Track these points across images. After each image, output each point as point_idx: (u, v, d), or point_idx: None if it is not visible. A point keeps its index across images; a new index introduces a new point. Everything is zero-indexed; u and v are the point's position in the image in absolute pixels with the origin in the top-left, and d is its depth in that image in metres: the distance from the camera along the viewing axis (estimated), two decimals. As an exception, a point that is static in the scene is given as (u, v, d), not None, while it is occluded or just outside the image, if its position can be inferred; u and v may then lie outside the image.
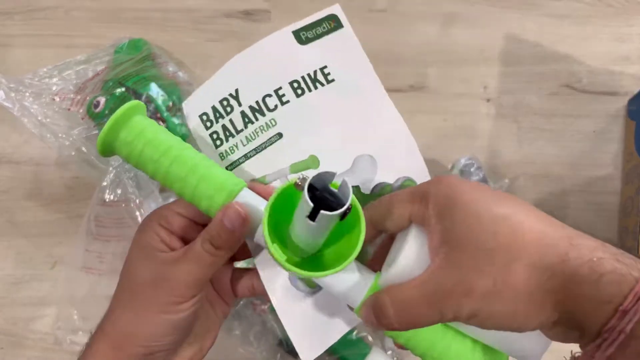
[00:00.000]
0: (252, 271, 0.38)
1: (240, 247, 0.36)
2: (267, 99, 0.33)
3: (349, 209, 0.26)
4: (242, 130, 0.34)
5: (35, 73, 0.60)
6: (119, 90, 0.57)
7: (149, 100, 0.58)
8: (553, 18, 0.70)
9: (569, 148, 0.66)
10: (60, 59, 0.62)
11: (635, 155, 0.62)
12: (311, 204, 0.25)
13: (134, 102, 0.32)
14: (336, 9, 0.35)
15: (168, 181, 0.32)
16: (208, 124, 0.34)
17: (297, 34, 0.35)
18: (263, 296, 0.37)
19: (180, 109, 0.59)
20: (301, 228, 0.28)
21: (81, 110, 0.58)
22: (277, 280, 0.34)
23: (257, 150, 0.34)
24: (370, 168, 0.34)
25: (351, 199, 0.25)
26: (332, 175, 0.26)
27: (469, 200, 0.28)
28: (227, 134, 0.34)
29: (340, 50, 0.35)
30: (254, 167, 0.34)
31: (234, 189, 0.32)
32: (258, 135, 0.33)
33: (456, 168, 0.59)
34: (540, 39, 0.69)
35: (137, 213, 0.56)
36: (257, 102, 0.33)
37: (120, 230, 0.58)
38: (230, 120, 0.34)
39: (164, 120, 0.58)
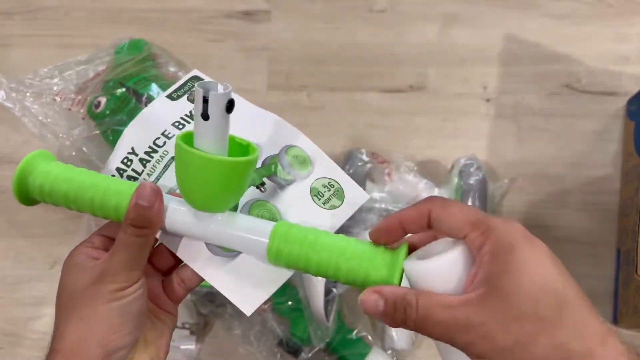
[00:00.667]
0: (176, 270, 0.40)
1: (164, 259, 0.39)
2: (157, 141, 0.42)
3: (231, 101, 0.32)
4: (142, 171, 0.41)
5: (36, 73, 0.60)
6: (119, 91, 0.57)
7: (150, 101, 0.58)
8: (553, 18, 0.70)
9: (569, 148, 0.66)
10: (61, 59, 0.62)
11: (634, 156, 0.62)
12: (201, 93, 0.31)
13: (34, 153, 0.39)
14: (196, 72, 0.45)
15: (80, 205, 0.37)
16: None
17: (170, 96, 0.44)
18: (195, 285, 0.40)
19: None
20: (200, 134, 0.34)
21: (82, 111, 0.58)
22: (199, 255, 0.39)
23: (158, 177, 0.41)
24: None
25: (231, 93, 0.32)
26: (214, 83, 0.32)
27: (529, 258, 0.29)
28: (132, 180, 0.41)
29: None
30: None
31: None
32: (155, 168, 0.41)
33: (456, 168, 0.59)
34: (540, 39, 0.69)
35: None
36: (149, 147, 0.42)
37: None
38: (133, 169, 0.41)
39: (164, 120, 0.58)
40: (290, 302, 0.58)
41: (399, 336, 0.59)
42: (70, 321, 0.35)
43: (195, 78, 0.45)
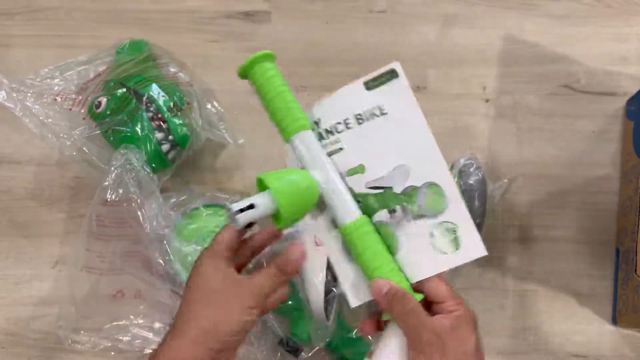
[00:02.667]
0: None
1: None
2: (337, 125, 0.47)
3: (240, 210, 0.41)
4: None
5: (37, 73, 0.60)
6: (120, 91, 0.57)
7: (150, 101, 0.58)
8: (552, 18, 0.70)
9: (568, 148, 0.66)
10: (61, 59, 0.62)
11: (633, 155, 0.62)
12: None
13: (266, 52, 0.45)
14: (396, 65, 0.47)
15: (269, 108, 0.46)
16: None
17: (366, 83, 0.48)
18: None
19: (181, 110, 0.59)
20: None
21: (82, 111, 0.58)
22: (334, 244, 0.47)
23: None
24: (403, 175, 0.46)
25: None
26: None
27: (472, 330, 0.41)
28: None
29: (395, 94, 0.47)
30: None
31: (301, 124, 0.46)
32: (326, 147, 0.47)
33: (456, 168, 0.59)
34: (540, 39, 0.69)
35: (139, 213, 0.57)
36: (330, 126, 0.47)
37: (121, 230, 0.59)
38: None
39: (164, 121, 0.58)
40: (290, 302, 0.58)
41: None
42: (203, 312, 0.42)
43: (393, 72, 0.47)
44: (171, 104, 0.59)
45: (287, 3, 0.71)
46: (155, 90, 0.58)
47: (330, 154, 0.47)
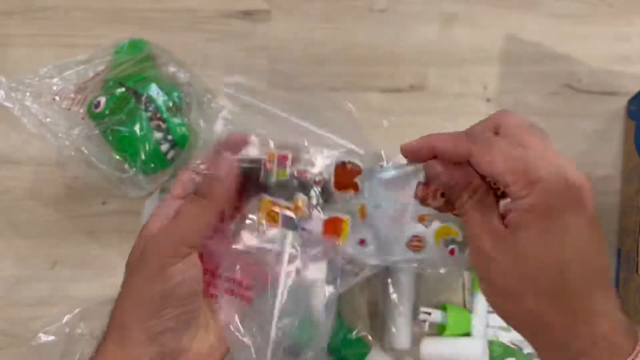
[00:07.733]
0: None
1: None
2: None
3: None
4: None
5: (36, 73, 0.60)
6: (119, 90, 0.57)
7: (149, 101, 0.58)
8: (553, 18, 0.70)
9: (569, 148, 0.66)
10: (60, 58, 0.62)
11: (635, 155, 0.62)
12: None
13: None
14: None
15: None
16: None
17: None
18: None
19: (180, 109, 0.59)
20: None
21: (81, 110, 0.58)
22: None
23: None
24: None
25: None
26: None
27: (557, 233, 0.31)
28: None
29: None
30: None
31: None
32: None
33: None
34: (541, 38, 0.69)
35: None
36: None
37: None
38: None
39: (163, 121, 0.58)
40: (290, 302, 0.58)
41: (399, 335, 0.59)
42: (119, 298, 0.32)
43: None
44: (170, 103, 0.58)
45: (287, 2, 0.70)
46: (154, 90, 0.58)
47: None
